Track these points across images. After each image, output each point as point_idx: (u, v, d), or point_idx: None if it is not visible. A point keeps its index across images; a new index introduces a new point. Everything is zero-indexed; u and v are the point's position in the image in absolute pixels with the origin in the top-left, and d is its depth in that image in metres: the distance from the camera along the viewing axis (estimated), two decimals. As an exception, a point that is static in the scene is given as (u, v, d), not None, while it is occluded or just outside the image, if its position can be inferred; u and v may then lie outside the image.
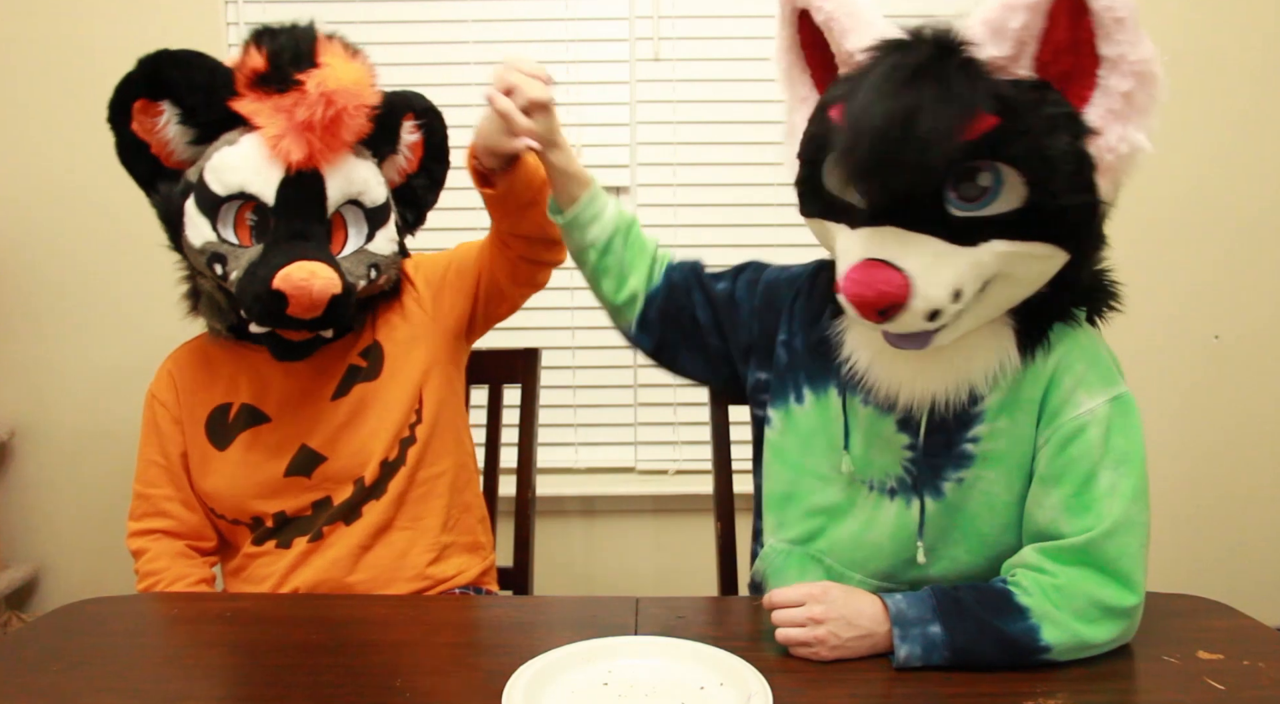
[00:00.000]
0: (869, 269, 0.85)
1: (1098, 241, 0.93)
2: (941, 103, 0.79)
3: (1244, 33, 2.05)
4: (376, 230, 1.19)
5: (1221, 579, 2.19)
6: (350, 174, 1.14)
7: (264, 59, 1.09)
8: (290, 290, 1.05)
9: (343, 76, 1.09)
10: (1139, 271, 2.12)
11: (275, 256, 1.08)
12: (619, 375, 2.14)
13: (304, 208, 1.12)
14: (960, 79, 0.80)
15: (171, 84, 1.11)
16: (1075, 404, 0.93)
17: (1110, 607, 0.88)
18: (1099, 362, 0.97)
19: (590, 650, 0.87)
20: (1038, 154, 0.82)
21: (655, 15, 2.04)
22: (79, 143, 2.05)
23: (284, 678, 0.87)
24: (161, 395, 1.26)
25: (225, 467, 1.21)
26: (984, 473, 0.97)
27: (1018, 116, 0.82)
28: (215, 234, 1.11)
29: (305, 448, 1.21)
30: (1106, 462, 0.91)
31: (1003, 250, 0.85)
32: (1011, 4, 0.82)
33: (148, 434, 1.26)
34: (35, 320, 2.10)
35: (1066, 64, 0.84)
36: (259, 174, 1.10)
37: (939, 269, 0.85)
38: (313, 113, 1.07)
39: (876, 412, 1.01)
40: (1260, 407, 2.16)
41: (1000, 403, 0.96)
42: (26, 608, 2.18)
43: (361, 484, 1.22)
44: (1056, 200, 0.84)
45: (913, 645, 0.87)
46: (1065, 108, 0.84)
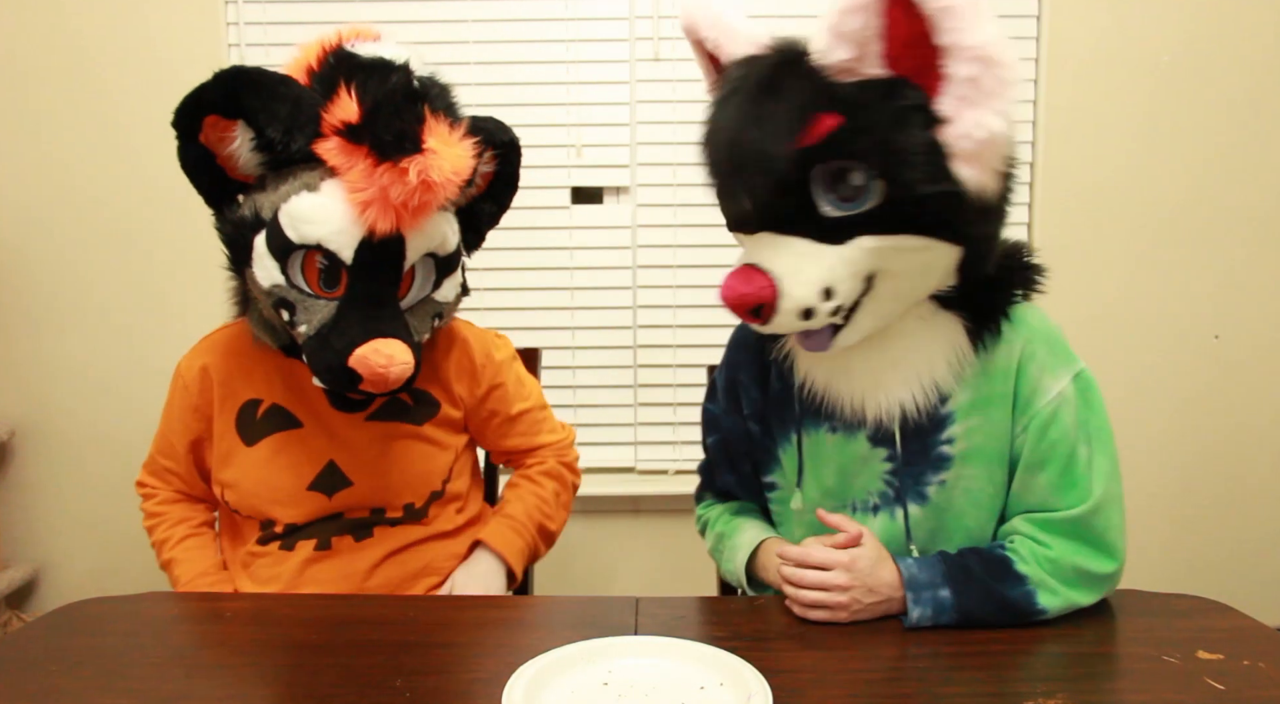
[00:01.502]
0: (740, 274, 0.88)
1: (988, 227, 0.91)
2: (778, 111, 0.83)
3: (1244, 33, 2.05)
4: (444, 278, 1.16)
5: (1221, 579, 2.19)
6: (431, 232, 1.10)
7: (359, 112, 1.01)
8: (367, 375, 1.04)
9: (446, 165, 1.02)
10: (1139, 272, 2.13)
11: (349, 327, 1.05)
12: (619, 375, 2.15)
13: (382, 270, 1.07)
14: (797, 86, 0.84)
15: (250, 110, 1.03)
16: (1045, 390, 0.98)
17: (1097, 575, 0.97)
18: (1055, 342, 1.00)
19: (590, 650, 0.87)
20: (885, 148, 0.84)
21: (655, 15, 2.04)
22: (79, 143, 2.05)
23: (284, 678, 0.87)
24: (188, 380, 1.24)
25: (250, 465, 1.21)
26: (964, 471, 1.01)
27: (861, 114, 0.84)
28: (284, 278, 1.06)
29: (333, 465, 1.20)
30: (1082, 438, 0.98)
31: (871, 246, 0.87)
32: (846, 8, 0.82)
33: (167, 409, 1.27)
34: (35, 321, 2.10)
35: (914, 58, 0.84)
36: (340, 233, 1.04)
37: (805, 269, 0.88)
38: (410, 197, 1.02)
39: (845, 435, 1.04)
40: (1260, 407, 2.16)
41: (970, 401, 0.99)
42: (26, 608, 2.18)
43: (380, 513, 1.23)
44: (913, 192, 0.84)
45: (924, 607, 0.95)
46: (915, 100, 0.84)
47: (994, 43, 0.80)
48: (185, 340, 1.33)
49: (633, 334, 2.14)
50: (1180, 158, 2.09)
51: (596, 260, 2.12)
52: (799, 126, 0.83)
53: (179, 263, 2.07)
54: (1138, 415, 2.15)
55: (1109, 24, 2.05)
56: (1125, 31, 2.05)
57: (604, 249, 2.12)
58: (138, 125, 2.04)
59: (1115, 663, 0.89)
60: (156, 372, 1.96)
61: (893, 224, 0.87)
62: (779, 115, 0.83)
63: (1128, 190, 2.10)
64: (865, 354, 0.98)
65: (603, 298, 2.13)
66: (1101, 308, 2.13)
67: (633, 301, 2.13)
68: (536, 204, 2.09)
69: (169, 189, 2.02)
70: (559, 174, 2.10)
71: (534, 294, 2.13)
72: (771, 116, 0.83)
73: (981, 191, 0.86)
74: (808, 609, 0.97)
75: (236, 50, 2.06)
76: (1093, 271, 2.11)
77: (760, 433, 1.12)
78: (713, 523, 1.20)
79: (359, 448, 1.21)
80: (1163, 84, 2.07)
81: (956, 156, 0.84)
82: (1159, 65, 2.06)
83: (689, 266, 2.11)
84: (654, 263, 2.12)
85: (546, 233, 2.11)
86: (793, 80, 0.85)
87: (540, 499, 1.32)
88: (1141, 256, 2.11)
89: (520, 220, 2.08)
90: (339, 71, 1.05)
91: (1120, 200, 2.10)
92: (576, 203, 2.12)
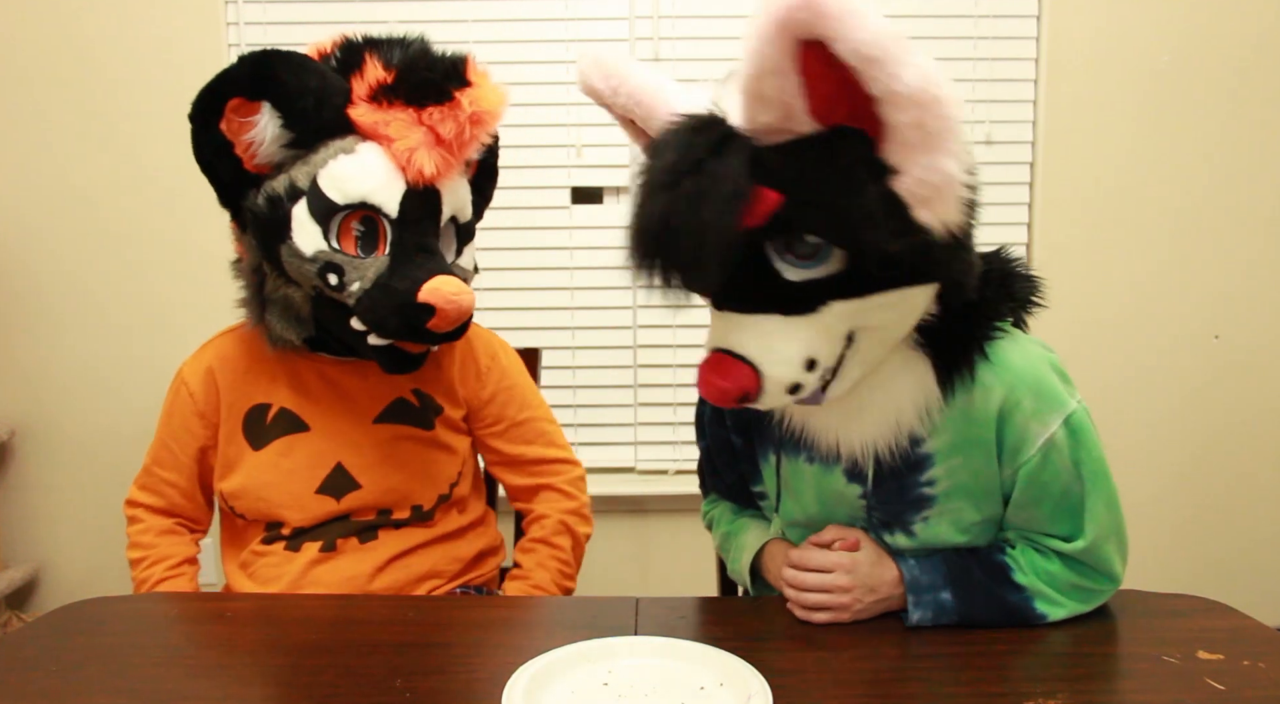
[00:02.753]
0: (714, 365, 0.81)
1: (962, 258, 0.83)
2: (714, 196, 0.73)
3: (1244, 33, 2.05)
4: (464, 246, 1.20)
5: (1221, 579, 2.19)
6: (459, 191, 1.15)
7: (391, 72, 1.07)
8: (442, 304, 1.06)
9: (492, 96, 1.09)
10: (1139, 272, 2.13)
11: (411, 269, 1.08)
12: (619, 375, 2.15)
13: (425, 222, 1.10)
14: (728, 165, 0.74)
15: (280, 85, 1.05)
16: (1033, 438, 0.92)
17: (1094, 590, 0.98)
18: (1043, 385, 0.93)
19: (590, 650, 0.87)
20: (836, 217, 0.75)
21: (655, 15, 2.04)
22: (79, 143, 2.05)
23: (284, 678, 0.87)
24: (192, 386, 1.24)
25: (258, 469, 1.21)
26: (949, 506, 0.97)
27: (801, 187, 0.75)
28: (328, 243, 1.08)
29: (341, 468, 1.21)
30: (1077, 480, 0.94)
31: (843, 310, 0.80)
32: (757, 73, 0.73)
33: (168, 417, 1.26)
34: (35, 321, 2.10)
35: (846, 106, 0.73)
36: (385, 187, 1.07)
37: (780, 347, 0.80)
38: (461, 130, 1.07)
39: (822, 467, 1.01)
40: (1260, 407, 2.16)
41: (950, 444, 0.94)
42: (26, 608, 2.18)
43: (387, 515, 1.23)
44: (878, 252, 0.76)
45: (925, 610, 0.96)
46: (857, 153, 0.74)
47: (929, 82, 0.69)
48: (185, 340, 1.33)
49: (633, 334, 2.14)
50: (1180, 158, 2.09)
51: (596, 260, 2.12)
52: (738, 209, 0.75)
53: (179, 263, 2.07)
54: (1138, 415, 2.15)
55: (1109, 24, 2.05)
56: (1125, 32, 2.05)
57: (604, 249, 2.12)
58: (138, 125, 2.04)
59: (1115, 663, 0.89)
60: (156, 371, 1.96)
61: (861, 285, 0.79)
62: (716, 201, 0.74)
63: (1127, 190, 2.10)
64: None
65: (603, 298, 2.13)
66: (1101, 308, 2.13)
67: (633, 302, 2.13)
68: (536, 204, 2.09)
69: (169, 189, 2.02)
70: (559, 174, 2.10)
71: (534, 294, 2.13)
72: (708, 202, 0.74)
73: (949, 230, 0.77)
74: (810, 612, 0.97)
75: (236, 50, 2.05)
76: (1092, 272, 2.11)
77: (743, 445, 1.10)
78: (718, 521, 1.20)
79: (367, 450, 1.21)
80: (1162, 84, 2.07)
81: (915, 204, 0.75)
82: (1159, 65, 2.06)
83: (689, 266, 2.11)
84: (654, 263, 2.11)
85: (546, 233, 2.11)
86: (722, 159, 0.75)
87: (561, 563, 1.30)
88: (1141, 256, 2.11)
89: (520, 220, 2.08)
90: (357, 48, 1.11)
91: (1120, 200, 2.10)
92: (576, 203, 2.12)
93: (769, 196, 0.75)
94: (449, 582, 1.27)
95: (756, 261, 0.79)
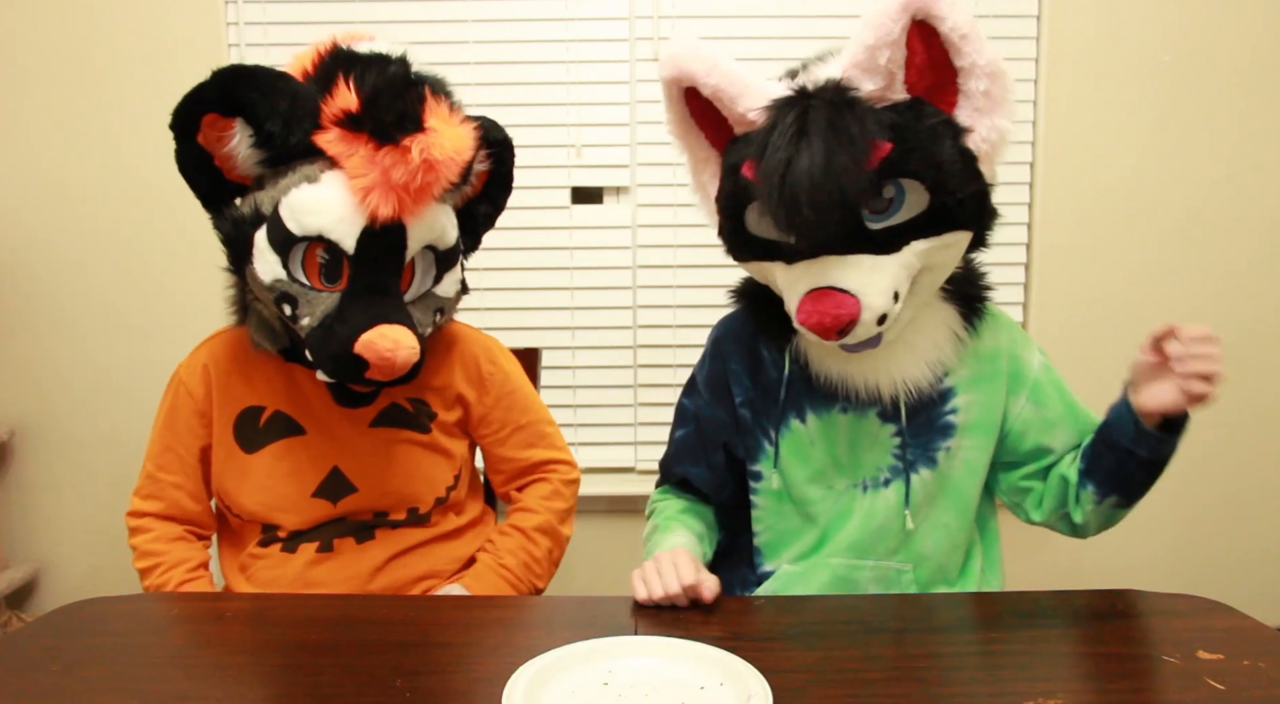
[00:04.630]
0: (820, 298, 0.96)
1: (992, 217, 1.05)
2: (843, 145, 0.90)
3: (1244, 33, 2.05)
4: (444, 273, 1.15)
5: (1221, 579, 2.19)
6: (431, 222, 1.10)
7: (358, 100, 1.02)
8: (373, 359, 1.03)
9: (448, 144, 1.03)
10: (1139, 272, 2.13)
11: (354, 315, 1.04)
12: (619, 375, 2.15)
13: (383, 260, 1.07)
14: (851, 120, 0.92)
15: (248, 105, 1.03)
16: (1029, 363, 1.15)
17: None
18: (1014, 324, 1.19)
19: (590, 650, 0.87)
20: (930, 163, 0.95)
21: (655, 15, 2.04)
22: (80, 143, 2.05)
23: (284, 678, 0.87)
24: (191, 385, 1.22)
25: (252, 473, 1.20)
26: (964, 441, 1.13)
27: (907, 136, 0.95)
28: (286, 272, 1.06)
29: (337, 471, 1.20)
30: (1065, 392, 1.17)
31: (923, 248, 0.99)
32: (874, 45, 0.93)
33: (168, 419, 1.23)
34: (35, 321, 2.10)
35: (931, 79, 0.97)
36: (342, 222, 1.03)
37: (877, 280, 0.97)
38: (412, 178, 1.02)
39: (856, 415, 1.13)
40: (1260, 407, 2.16)
41: (969, 378, 1.13)
42: (26, 608, 2.18)
43: (383, 516, 1.23)
44: (955, 195, 0.97)
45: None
46: (941, 116, 0.97)
47: (998, 59, 0.95)
48: (185, 340, 1.33)
49: (633, 334, 2.14)
50: (1180, 158, 2.09)
51: (596, 260, 2.12)
52: (865, 155, 0.92)
53: (179, 263, 2.07)
54: (1138, 415, 2.15)
55: (1109, 24, 2.05)
56: (1125, 32, 2.05)
57: (604, 249, 2.12)
58: (138, 125, 2.04)
59: (1115, 663, 0.89)
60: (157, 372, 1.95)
61: (939, 225, 0.98)
62: (850, 149, 0.91)
63: (1127, 190, 2.10)
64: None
65: (603, 298, 2.13)
66: (1101, 307, 2.13)
67: (633, 301, 2.13)
68: (536, 204, 2.09)
69: (169, 189, 2.02)
70: (559, 174, 2.10)
71: (534, 294, 2.13)
72: (838, 151, 0.90)
73: (993, 182, 1.01)
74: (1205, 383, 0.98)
75: (236, 50, 2.06)
76: (1092, 271, 2.11)
77: (750, 419, 1.16)
78: (658, 513, 1.24)
79: (363, 454, 1.21)
80: (1163, 84, 2.07)
81: (979, 159, 0.98)
82: (1159, 65, 2.06)
83: (689, 266, 2.11)
84: (654, 263, 2.12)
85: (546, 233, 2.11)
86: (849, 113, 0.92)
87: (532, 559, 1.29)
88: (1141, 256, 2.11)
89: (520, 220, 2.08)
90: (336, 66, 1.05)
91: (1120, 200, 2.10)
92: (576, 203, 2.12)
93: (883, 146, 0.94)
94: (448, 581, 1.27)
95: (854, 211, 0.96)
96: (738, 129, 1.03)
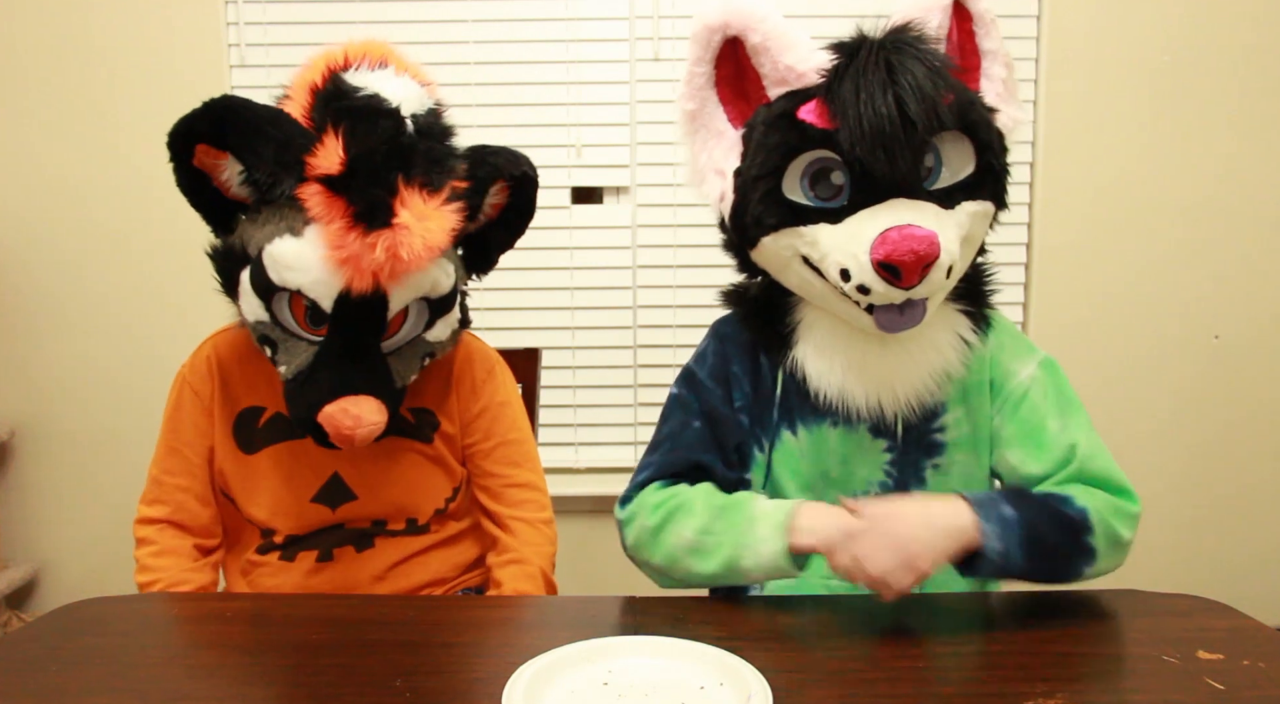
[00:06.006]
0: (905, 230, 0.91)
1: (1004, 206, 1.04)
2: (922, 83, 0.90)
3: (1244, 33, 2.05)
4: (437, 319, 1.12)
5: (1221, 579, 2.19)
6: (418, 283, 1.06)
7: (341, 162, 0.98)
8: (332, 434, 1.04)
9: (416, 242, 0.99)
10: (1139, 271, 2.13)
11: (322, 381, 1.04)
12: (619, 375, 2.15)
13: (363, 322, 1.05)
14: (930, 54, 0.92)
15: (235, 147, 1.02)
16: (1014, 373, 1.07)
17: (1125, 510, 0.99)
18: (1017, 334, 1.12)
19: (590, 650, 0.87)
20: (984, 121, 0.97)
21: (655, 15, 2.04)
22: (79, 144, 2.05)
23: (284, 678, 0.87)
24: (196, 383, 1.20)
25: (251, 474, 1.19)
26: (955, 456, 1.08)
27: (963, 92, 0.95)
28: (268, 315, 1.06)
29: (337, 477, 1.19)
30: (1054, 412, 1.05)
31: (971, 210, 0.97)
32: (927, 7, 0.97)
33: (173, 420, 1.20)
34: (35, 321, 2.10)
35: (959, 60, 1.00)
36: (319, 283, 1.01)
37: (946, 228, 0.94)
38: (380, 268, 1.00)
39: (847, 429, 1.08)
40: (1260, 407, 2.16)
41: (957, 392, 1.07)
42: (26, 608, 2.18)
43: (382, 525, 1.22)
44: (999, 161, 0.98)
45: (994, 524, 0.92)
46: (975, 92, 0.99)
47: (1009, 51, 1.02)
48: (185, 340, 1.33)
49: (633, 334, 2.14)
50: (1180, 157, 2.09)
51: (596, 260, 2.12)
52: (940, 96, 0.91)
53: (179, 263, 2.07)
54: (1138, 415, 2.15)
55: (1109, 24, 2.05)
56: (1125, 31, 2.05)
57: (604, 249, 2.12)
58: (138, 125, 2.04)
59: (1115, 663, 0.88)
60: (157, 371, 1.96)
61: (984, 191, 0.98)
62: (924, 87, 0.90)
63: (1127, 190, 2.10)
64: (880, 352, 1.02)
65: (603, 298, 2.13)
66: (1101, 307, 2.13)
67: (633, 301, 2.13)
68: (537, 204, 2.09)
69: (169, 189, 2.00)
70: (559, 174, 2.10)
71: (534, 294, 2.13)
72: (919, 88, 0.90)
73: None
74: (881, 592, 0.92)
75: (236, 50, 2.06)
76: (1092, 271, 2.11)
77: (748, 426, 1.10)
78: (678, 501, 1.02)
79: (364, 461, 1.20)
80: (1162, 84, 2.07)
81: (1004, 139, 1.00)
82: (1159, 65, 2.06)
83: (689, 266, 2.11)
84: (654, 263, 2.12)
85: (546, 233, 2.11)
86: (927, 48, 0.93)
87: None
88: (1141, 256, 2.11)
89: (520, 220, 2.08)
90: (329, 112, 1.01)
91: (1120, 200, 2.10)
92: (576, 203, 2.12)
93: (949, 95, 0.93)
94: (449, 586, 1.27)
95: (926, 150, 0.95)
96: (774, 90, 1.00)
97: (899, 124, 0.90)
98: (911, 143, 0.91)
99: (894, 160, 0.92)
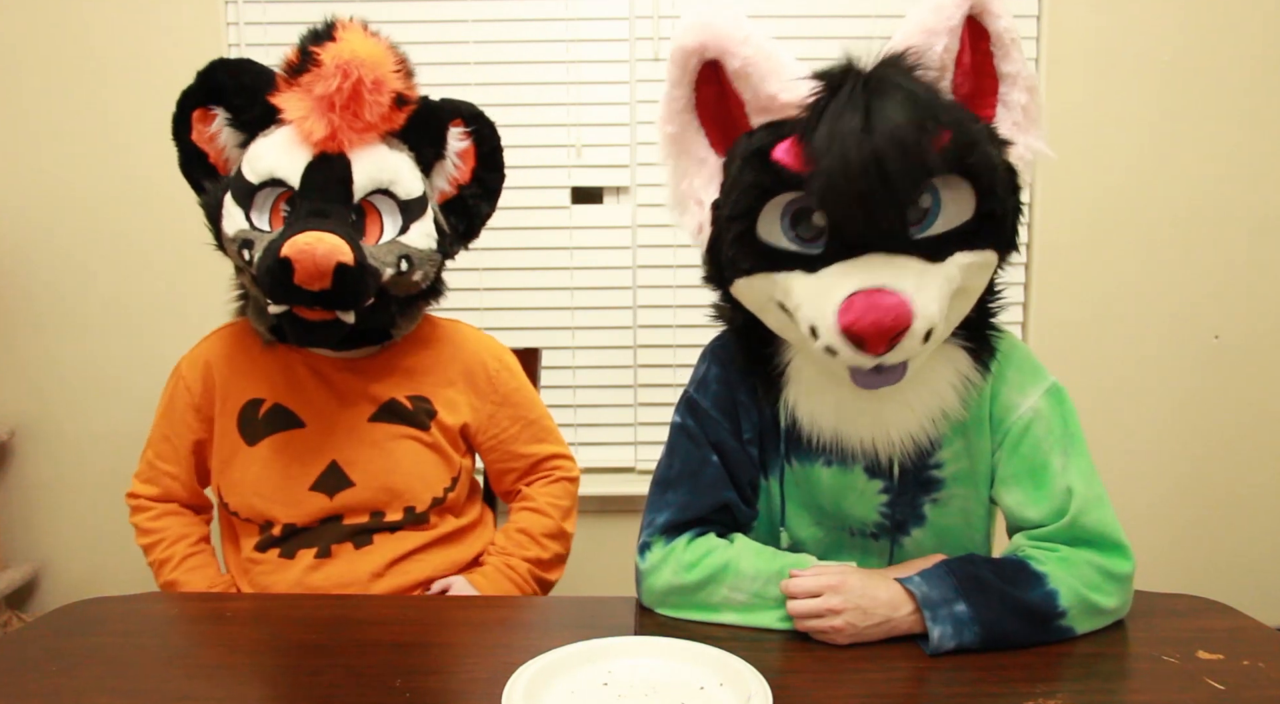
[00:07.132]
0: (873, 297, 0.82)
1: (1014, 249, 0.94)
2: (903, 132, 0.79)
3: (1244, 32, 2.05)
4: (411, 223, 1.17)
5: (1221, 579, 2.19)
6: (380, 161, 1.14)
7: (296, 53, 1.12)
8: (294, 255, 1.04)
9: (358, 49, 1.10)
10: (1139, 271, 2.13)
11: (292, 231, 1.07)
12: (619, 375, 2.15)
13: (328, 189, 1.11)
14: (920, 88, 0.82)
15: (222, 89, 1.16)
16: (1015, 406, 1.00)
17: (1113, 573, 0.93)
18: (1024, 361, 1.02)
19: (590, 650, 0.87)
20: (986, 163, 0.85)
21: (655, 15, 2.04)
22: (79, 144, 2.05)
23: (284, 678, 0.87)
24: (189, 379, 1.25)
25: (251, 464, 1.21)
26: (955, 491, 1.03)
27: (965, 129, 0.85)
28: (248, 222, 1.12)
29: (335, 465, 1.20)
30: (1057, 449, 0.98)
31: (965, 262, 0.87)
32: (933, 29, 0.87)
33: (167, 409, 1.27)
34: (36, 321, 2.10)
35: (971, 85, 0.91)
36: (287, 157, 1.11)
37: (927, 287, 0.85)
38: (328, 86, 1.08)
39: (841, 468, 1.03)
40: (1260, 407, 2.16)
41: (955, 427, 1.00)
42: (26, 608, 2.18)
43: (380, 517, 1.22)
44: (1002, 206, 0.87)
45: (944, 625, 0.88)
46: (985, 123, 0.89)
47: (1035, 74, 0.92)
48: (185, 340, 1.33)
49: (633, 334, 2.14)
50: (1180, 157, 2.09)
51: (596, 260, 2.12)
52: (932, 137, 0.81)
53: (179, 263, 2.07)
54: (1138, 415, 2.16)
55: (1109, 24, 2.05)
56: (1126, 31, 2.05)
57: (604, 249, 2.12)
58: (138, 125, 2.04)
59: (1115, 663, 0.88)
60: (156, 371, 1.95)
61: (982, 239, 0.88)
62: (913, 125, 0.80)
63: (1128, 190, 2.10)
64: (874, 394, 0.95)
65: (603, 298, 2.13)
66: (1101, 307, 2.13)
67: (633, 301, 2.13)
68: (536, 204, 2.09)
69: (169, 189, 2.02)
70: (559, 174, 2.10)
71: (534, 294, 2.13)
72: (906, 126, 0.79)
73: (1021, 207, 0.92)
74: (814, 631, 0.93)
75: (236, 50, 2.05)
76: (1092, 271, 2.11)
77: (757, 457, 1.05)
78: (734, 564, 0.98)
79: (361, 448, 1.21)
80: (1163, 83, 2.07)
81: (1019, 174, 0.90)
82: (1159, 65, 2.06)
83: (689, 266, 2.11)
84: (654, 263, 2.12)
85: (546, 233, 2.11)
86: (918, 82, 0.83)
87: (540, 564, 1.31)
88: (1142, 256, 2.11)
89: (520, 220, 2.08)
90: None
91: (1120, 200, 2.10)
92: (576, 203, 2.12)
93: (945, 133, 0.83)
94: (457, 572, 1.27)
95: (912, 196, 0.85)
96: (756, 119, 0.91)
97: (875, 177, 0.80)
98: (892, 197, 0.81)
99: (870, 216, 0.83)
